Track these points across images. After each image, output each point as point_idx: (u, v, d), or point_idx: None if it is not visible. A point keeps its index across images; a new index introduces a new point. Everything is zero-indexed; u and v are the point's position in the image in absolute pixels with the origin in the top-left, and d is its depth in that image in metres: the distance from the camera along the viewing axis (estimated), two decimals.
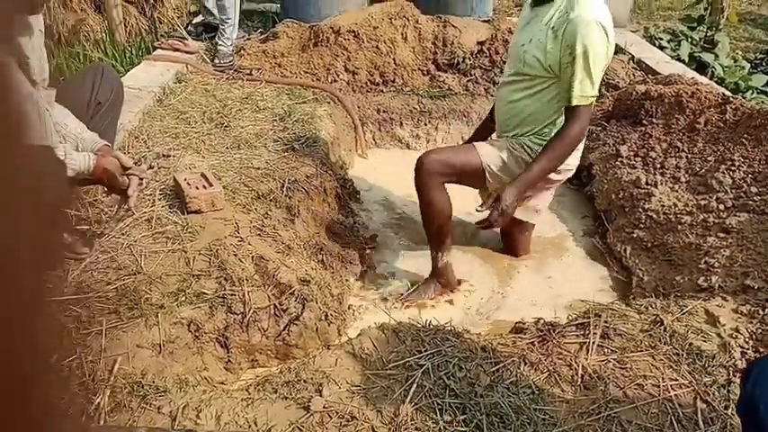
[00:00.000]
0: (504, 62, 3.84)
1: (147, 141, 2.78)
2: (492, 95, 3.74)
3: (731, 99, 2.82)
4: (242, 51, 3.92)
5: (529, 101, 2.27)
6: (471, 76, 3.87)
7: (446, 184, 2.31)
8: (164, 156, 2.65)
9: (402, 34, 3.89)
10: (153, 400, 1.53)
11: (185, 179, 2.27)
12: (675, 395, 1.63)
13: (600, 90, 3.72)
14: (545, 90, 2.22)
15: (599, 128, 3.27)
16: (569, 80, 2.11)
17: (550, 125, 2.28)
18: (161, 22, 4.93)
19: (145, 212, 2.18)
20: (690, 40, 4.95)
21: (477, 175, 2.32)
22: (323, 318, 1.99)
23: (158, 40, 4.16)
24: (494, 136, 2.49)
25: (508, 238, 2.69)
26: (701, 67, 4.64)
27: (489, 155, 2.30)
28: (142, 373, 1.61)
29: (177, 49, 3.87)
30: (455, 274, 2.43)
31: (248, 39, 4.22)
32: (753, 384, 1.00)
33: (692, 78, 3.39)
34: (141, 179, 1.95)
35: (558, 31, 2.10)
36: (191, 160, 2.62)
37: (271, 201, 2.39)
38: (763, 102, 4.40)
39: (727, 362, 1.76)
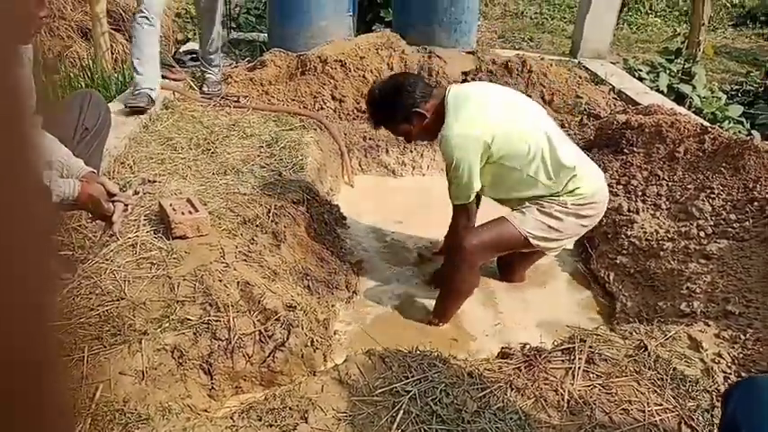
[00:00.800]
0: None
1: (132, 167, 2.78)
2: None
3: (709, 129, 2.89)
4: (229, 79, 3.96)
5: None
6: None
7: None
8: (149, 181, 2.64)
9: (388, 64, 3.96)
10: (135, 428, 1.50)
11: (171, 204, 2.26)
12: (660, 420, 1.63)
13: (582, 120, 3.83)
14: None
15: None
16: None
17: (530, 184, 2.27)
18: None
19: (129, 238, 2.17)
20: (668, 71, 5.09)
21: (522, 245, 2.32)
22: (308, 344, 1.98)
23: None
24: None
25: (510, 269, 2.69)
26: (680, 98, 4.76)
27: (524, 222, 2.27)
28: (124, 400, 1.58)
29: (164, 77, 3.89)
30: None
31: (236, 67, 4.26)
32: (734, 407, 1.01)
33: (671, 109, 3.48)
34: (126, 205, 1.94)
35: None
36: (176, 186, 2.62)
37: (257, 226, 2.39)
38: (739, 131, 4.51)
39: (711, 386, 1.77)
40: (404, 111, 2.27)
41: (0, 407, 0.34)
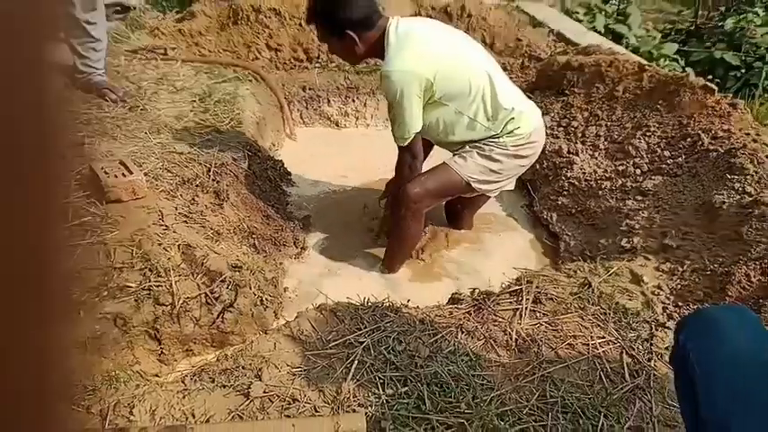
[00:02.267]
0: None
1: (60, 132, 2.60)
2: None
3: (647, 67, 2.94)
4: (156, 31, 3.73)
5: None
6: None
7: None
8: (76, 144, 2.48)
9: None
10: (80, 401, 1.45)
11: (102, 167, 2.14)
12: (603, 352, 1.70)
13: (523, 63, 3.82)
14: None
15: None
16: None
17: (469, 126, 2.26)
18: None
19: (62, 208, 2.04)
20: (603, 13, 5.13)
21: (464, 190, 2.32)
22: (258, 303, 1.95)
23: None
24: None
25: (459, 216, 2.70)
26: (617, 39, 4.82)
27: (465, 166, 2.27)
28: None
29: None
30: None
31: (163, 19, 4.02)
32: (685, 336, 1.05)
33: (610, 48, 3.51)
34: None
35: None
36: (107, 147, 2.47)
37: (197, 186, 2.30)
38: (674, 69, 4.63)
39: (650, 317, 1.85)
40: (337, 26, 2.14)
41: None
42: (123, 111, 2.81)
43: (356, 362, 1.59)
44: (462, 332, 1.73)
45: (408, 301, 1.99)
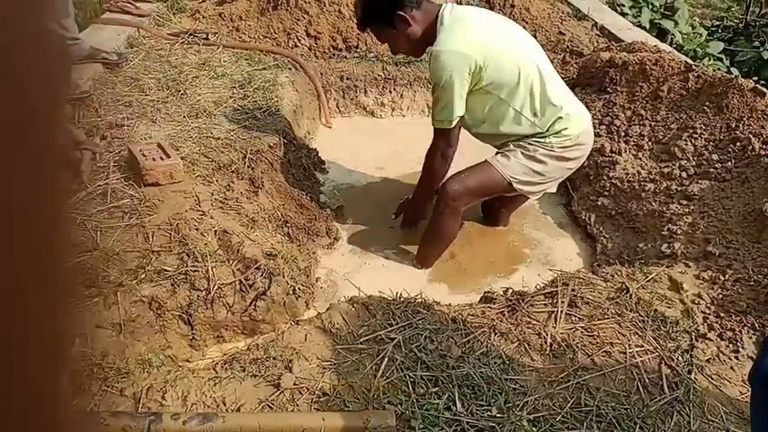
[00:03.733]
0: None
1: (98, 110, 2.63)
2: None
3: (693, 67, 2.84)
4: (197, 14, 3.75)
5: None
6: None
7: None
8: (117, 125, 2.51)
9: None
10: (114, 383, 1.47)
11: (141, 150, 2.16)
12: (641, 361, 1.66)
13: (564, 57, 3.74)
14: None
15: None
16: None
17: (514, 119, 2.21)
18: None
19: (99, 186, 2.07)
20: (650, 6, 4.98)
21: (505, 189, 2.27)
22: (290, 292, 1.95)
23: (107, 2, 3.93)
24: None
25: (497, 213, 2.65)
26: (662, 34, 4.68)
27: (508, 166, 2.22)
28: (102, 354, 1.54)
29: (128, 12, 3.66)
30: None
31: (204, 1, 4.03)
32: None
33: (655, 46, 3.40)
34: (94, 153, 1.84)
35: None
36: (146, 130, 2.50)
37: (233, 172, 2.31)
38: (719, 68, 4.48)
39: (690, 327, 1.80)
40: (386, 10, 2.11)
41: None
42: (164, 94, 2.83)
43: (386, 359, 1.58)
44: (495, 333, 1.71)
45: (440, 298, 1.97)
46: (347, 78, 3.53)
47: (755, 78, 4.27)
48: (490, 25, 2.19)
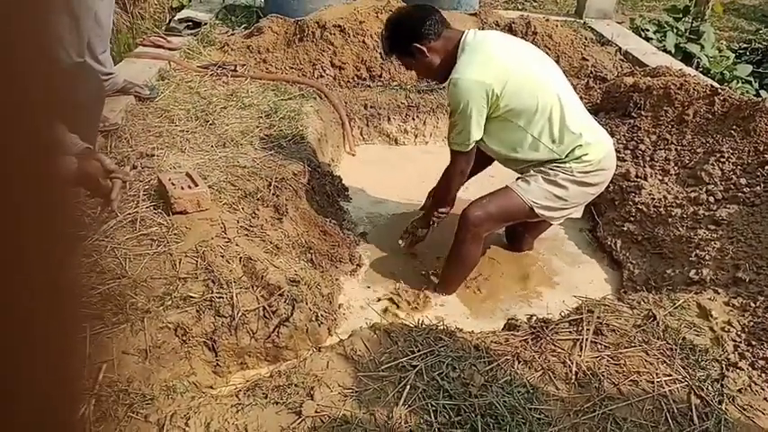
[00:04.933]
0: None
1: (129, 141, 2.72)
2: None
3: (719, 90, 2.81)
4: (226, 47, 3.86)
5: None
6: None
7: None
8: (147, 155, 2.59)
9: None
10: (140, 409, 1.49)
11: (170, 179, 2.22)
12: (669, 391, 1.62)
13: (588, 83, 3.74)
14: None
15: None
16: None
17: (532, 145, 2.22)
18: (143, 19, 4.85)
19: (129, 214, 2.13)
20: (675, 30, 4.96)
21: (527, 215, 2.27)
22: (313, 318, 1.96)
23: (140, 37, 4.09)
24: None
25: (520, 238, 2.65)
26: (687, 58, 4.65)
27: (529, 191, 2.22)
28: (128, 380, 1.57)
29: (160, 46, 3.80)
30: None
31: (232, 34, 4.16)
32: None
33: (680, 70, 3.38)
34: (125, 182, 1.90)
35: None
36: (175, 159, 2.57)
37: (258, 200, 2.35)
38: (747, 91, 4.42)
39: (720, 356, 1.75)
40: (404, 43, 2.21)
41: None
42: (193, 125, 2.91)
43: (408, 386, 1.57)
44: (519, 361, 1.69)
45: (462, 325, 1.96)
46: (371, 107, 3.58)
47: None
48: (511, 52, 2.22)
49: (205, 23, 4.34)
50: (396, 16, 2.33)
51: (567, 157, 2.17)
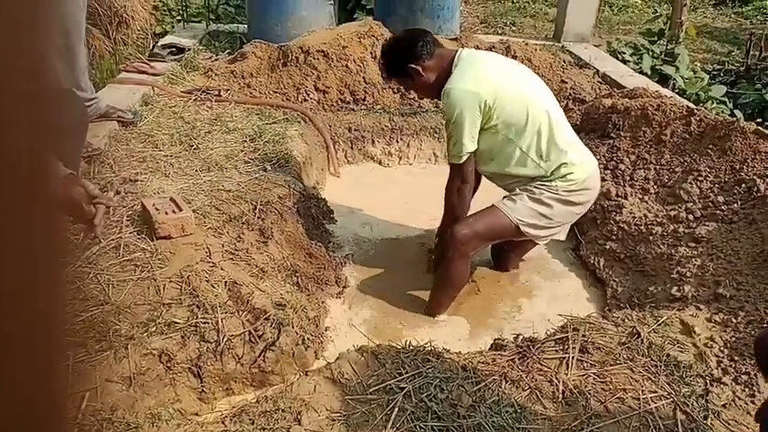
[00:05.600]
0: None
1: (113, 166, 2.71)
2: None
3: (695, 111, 2.88)
4: (210, 72, 3.88)
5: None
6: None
7: None
8: (130, 180, 2.58)
9: (371, 53, 3.90)
10: None
11: (153, 204, 2.21)
12: (655, 407, 1.63)
13: (567, 105, 3.81)
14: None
15: None
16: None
17: (520, 160, 2.26)
18: (125, 44, 4.86)
19: (112, 240, 2.12)
20: (651, 53, 5.08)
21: (513, 233, 2.30)
22: (299, 342, 1.95)
23: (123, 63, 4.10)
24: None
25: (505, 257, 2.67)
26: (663, 80, 4.76)
27: (515, 209, 2.25)
28: (112, 408, 1.54)
29: (143, 72, 3.81)
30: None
31: (216, 59, 4.18)
32: None
33: (657, 91, 3.46)
34: (108, 207, 1.89)
35: None
36: (159, 184, 2.56)
37: (243, 224, 2.35)
38: (722, 111, 4.53)
39: (704, 371, 1.77)
40: (400, 65, 2.29)
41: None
42: (177, 149, 2.91)
43: (396, 409, 1.57)
44: (506, 381, 1.69)
45: (449, 346, 1.96)
46: (355, 129, 3.61)
47: (759, 120, 4.31)
48: (503, 68, 2.30)
49: (189, 49, 4.36)
50: (389, 41, 2.45)
51: (552, 174, 2.21)
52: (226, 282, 2.00)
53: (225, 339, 1.83)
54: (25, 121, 0.35)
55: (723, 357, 1.83)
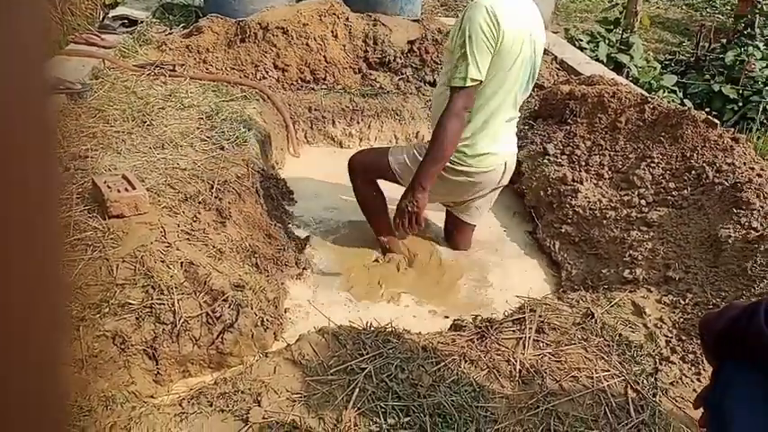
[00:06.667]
0: (435, 62, 3.87)
1: (61, 141, 2.59)
2: (424, 94, 3.76)
3: (649, 99, 2.96)
4: (163, 46, 3.75)
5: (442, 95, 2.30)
6: (402, 74, 3.87)
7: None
8: (80, 157, 2.47)
9: (332, 32, 3.84)
10: (77, 421, 1.42)
11: (105, 182, 2.13)
12: (608, 385, 1.69)
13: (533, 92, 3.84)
14: None
15: (526, 127, 3.36)
16: (455, 62, 2.14)
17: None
18: (73, 15, 4.63)
19: (61, 218, 2.02)
20: (607, 41, 5.18)
21: (391, 176, 2.48)
22: (258, 323, 1.93)
23: (71, 35, 3.91)
24: None
25: (451, 236, 2.75)
26: (618, 68, 4.87)
27: (396, 156, 2.43)
28: None
29: (93, 44, 3.65)
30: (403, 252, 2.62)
31: (170, 33, 4.04)
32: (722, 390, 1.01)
33: (613, 79, 3.54)
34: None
35: (460, 15, 2.22)
36: (110, 161, 2.47)
37: (199, 203, 2.29)
38: (673, 100, 4.67)
39: (654, 351, 1.84)
40: None
41: None
42: (129, 125, 2.80)
43: (357, 389, 1.57)
44: (465, 361, 1.71)
45: (410, 326, 1.97)
46: (315, 110, 3.56)
47: (707, 110, 4.47)
48: (524, 17, 2.23)
49: (141, 21, 4.20)
50: None
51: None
52: (182, 262, 1.95)
53: (181, 321, 1.79)
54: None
55: (672, 337, 1.90)
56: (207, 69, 3.61)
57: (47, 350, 0.36)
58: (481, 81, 2.14)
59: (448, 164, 2.25)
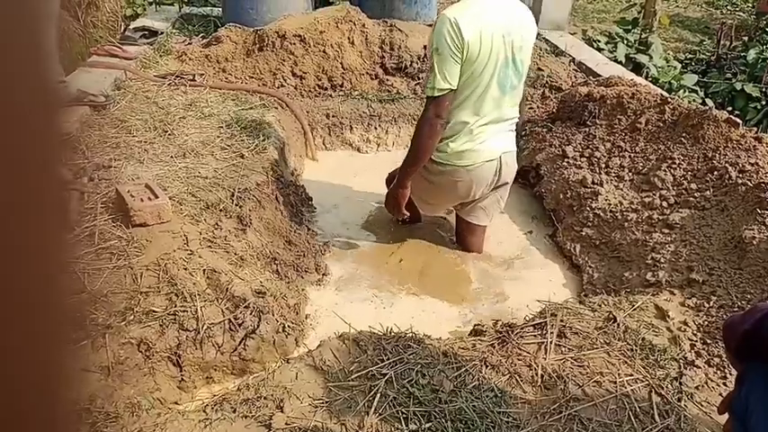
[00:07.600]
0: None
1: (85, 152, 2.65)
2: None
3: (669, 99, 2.93)
4: (183, 56, 3.80)
5: None
6: (419, 79, 3.88)
7: None
8: (104, 166, 2.52)
9: (349, 38, 3.86)
10: (103, 427, 1.45)
11: (128, 191, 2.17)
12: (631, 390, 1.67)
13: (544, 93, 3.83)
14: None
15: (545, 129, 3.35)
16: (428, 72, 2.31)
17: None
18: (95, 27, 4.72)
19: (86, 227, 2.07)
20: (625, 42, 5.14)
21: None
22: (280, 329, 1.94)
23: (93, 47, 3.99)
24: None
25: (462, 239, 2.74)
26: (637, 68, 4.82)
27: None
28: (90, 398, 1.52)
29: (115, 56, 3.72)
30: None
31: (189, 43, 4.10)
32: (747, 390, 1.00)
33: (632, 80, 3.50)
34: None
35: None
36: (133, 171, 2.51)
37: (221, 211, 2.32)
38: (694, 100, 4.62)
39: (678, 355, 1.82)
40: None
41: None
42: (151, 135, 2.85)
43: (379, 395, 1.57)
44: (486, 366, 1.71)
45: (430, 332, 1.97)
46: (333, 116, 3.58)
47: (729, 109, 4.41)
48: (494, 15, 2.26)
49: (161, 32, 4.27)
50: None
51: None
52: (204, 270, 1.98)
53: (204, 328, 1.81)
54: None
55: (696, 341, 1.88)
56: (226, 78, 3.66)
57: (50, 365, 0.36)
58: (452, 89, 2.25)
59: (431, 162, 2.41)
